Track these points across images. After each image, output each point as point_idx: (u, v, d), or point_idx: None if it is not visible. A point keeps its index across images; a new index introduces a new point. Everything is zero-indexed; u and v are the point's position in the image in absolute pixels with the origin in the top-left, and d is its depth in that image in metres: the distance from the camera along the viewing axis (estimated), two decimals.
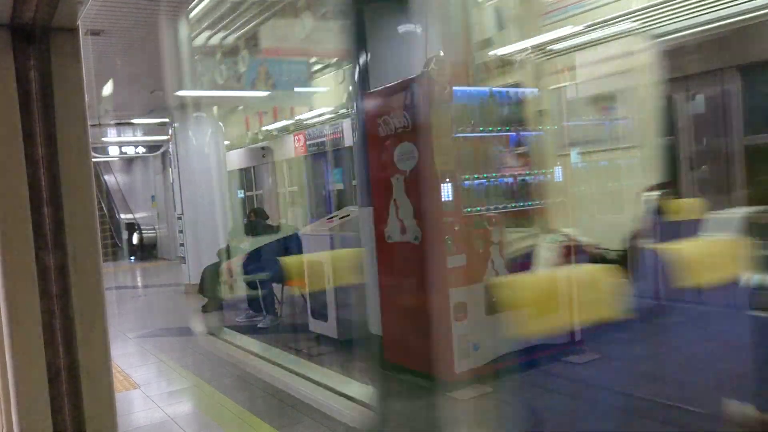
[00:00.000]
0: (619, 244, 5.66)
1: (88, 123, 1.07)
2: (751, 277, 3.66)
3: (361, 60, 5.41)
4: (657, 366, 4.57)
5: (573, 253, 4.71)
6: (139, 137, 14.54)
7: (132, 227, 17.88)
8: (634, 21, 5.73)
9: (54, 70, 1.02)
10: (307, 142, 12.60)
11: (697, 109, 6.42)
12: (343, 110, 9.49)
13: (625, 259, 5.32)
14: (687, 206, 5.97)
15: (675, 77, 6.28)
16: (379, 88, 4.99)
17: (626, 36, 6.02)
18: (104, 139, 13.88)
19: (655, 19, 5.68)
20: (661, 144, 6.54)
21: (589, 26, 6.02)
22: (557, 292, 3.99)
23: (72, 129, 1.03)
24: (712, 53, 5.94)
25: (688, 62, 6.08)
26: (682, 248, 4.42)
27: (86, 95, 1.06)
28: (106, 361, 1.05)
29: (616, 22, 5.80)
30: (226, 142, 11.05)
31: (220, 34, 5.99)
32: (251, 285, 7.46)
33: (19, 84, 0.99)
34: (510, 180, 4.81)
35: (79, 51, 1.04)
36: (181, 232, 10.28)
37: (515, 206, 4.78)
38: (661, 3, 5.40)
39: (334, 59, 7.26)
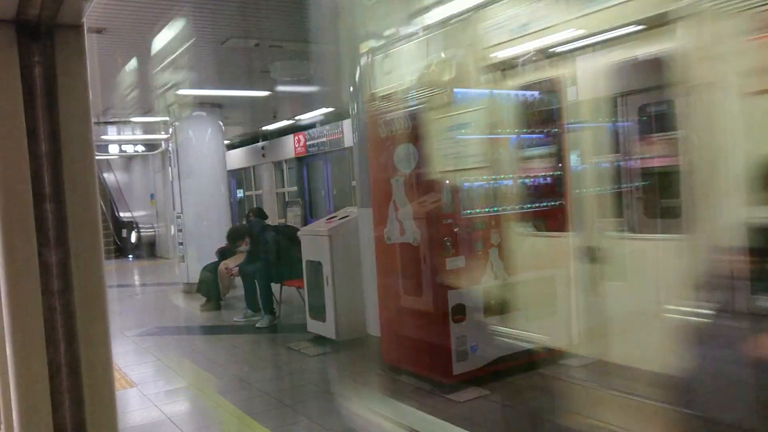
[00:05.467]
0: None
1: (92, 120, 1.07)
2: None
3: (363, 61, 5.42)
4: None
5: None
6: (139, 135, 14.52)
7: (131, 226, 17.85)
8: None
9: (58, 67, 1.02)
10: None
11: None
12: None
13: None
14: None
15: None
16: (381, 89, 5.00)
17: None
18: (104, 137, 13.86)
19: None
20: None
21: None
22: None
23: (76, 126, 1.03)
24: None
25: None
26: None
27: (90, 93, 1.07)
28: (107, 359, 1.04)
29: None
30: None
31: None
32: (249, 284, 7.46)
33: (23, 80, 0.99)
34: (510, 182, 4.82)
35: (83, 48, 1.04)
36: (180, 230, 10.27)
37: (515, 208, 4.77)
38: None
39: None
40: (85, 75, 1.04)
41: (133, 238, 17.57)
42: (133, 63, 7.38)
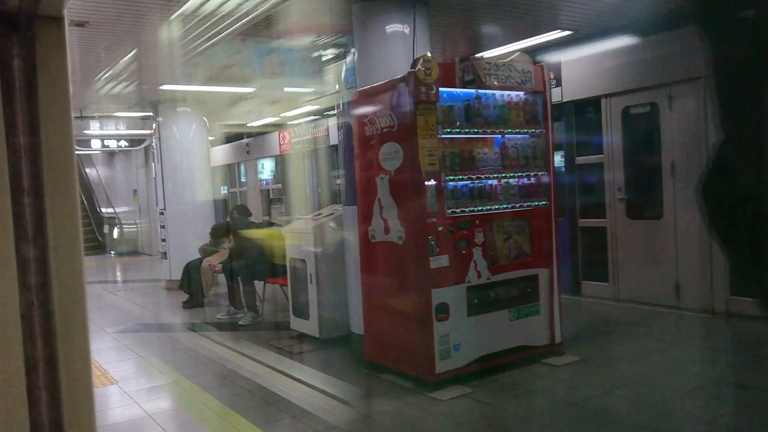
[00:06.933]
0: None
1: (72, 114, 1.06)
2: None
3: (348, 58, 5.41)
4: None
5: None
6: (122, 130, 14.37)
7: (113, 221, 17.66)
8: None
9: (38, 60, 1.00)
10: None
11: None
12: None
13: None
14: None
15: None
16: (366, 87, 4.99)
17: None
18: (86, 131, 13.69)
19: None
20: None
21: None
22: None
23: (55, 119, 1.02)
24: None
25: None
26: None
27: (70, 86, 1.05)
28: (85, 355, 1.03)
29: None
30: None
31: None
32: (232, 282, 7.43)
33: (1, 72, 0.98)
34: (494, 182, 4.84)
35: (64, 40, 1.02)
36: (162, 227, 10.18)
37: (499, 208, 4.80)
38: None
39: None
40: (65, 68, 1.02)
41: (115, 234, 17.39)
42: (117, 57, 7.29)
